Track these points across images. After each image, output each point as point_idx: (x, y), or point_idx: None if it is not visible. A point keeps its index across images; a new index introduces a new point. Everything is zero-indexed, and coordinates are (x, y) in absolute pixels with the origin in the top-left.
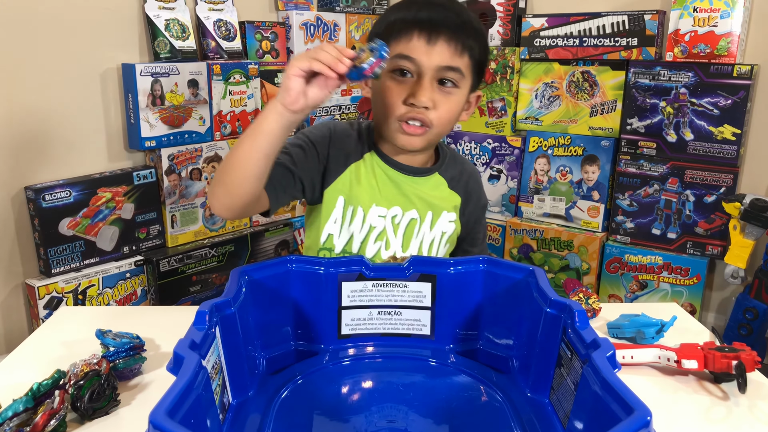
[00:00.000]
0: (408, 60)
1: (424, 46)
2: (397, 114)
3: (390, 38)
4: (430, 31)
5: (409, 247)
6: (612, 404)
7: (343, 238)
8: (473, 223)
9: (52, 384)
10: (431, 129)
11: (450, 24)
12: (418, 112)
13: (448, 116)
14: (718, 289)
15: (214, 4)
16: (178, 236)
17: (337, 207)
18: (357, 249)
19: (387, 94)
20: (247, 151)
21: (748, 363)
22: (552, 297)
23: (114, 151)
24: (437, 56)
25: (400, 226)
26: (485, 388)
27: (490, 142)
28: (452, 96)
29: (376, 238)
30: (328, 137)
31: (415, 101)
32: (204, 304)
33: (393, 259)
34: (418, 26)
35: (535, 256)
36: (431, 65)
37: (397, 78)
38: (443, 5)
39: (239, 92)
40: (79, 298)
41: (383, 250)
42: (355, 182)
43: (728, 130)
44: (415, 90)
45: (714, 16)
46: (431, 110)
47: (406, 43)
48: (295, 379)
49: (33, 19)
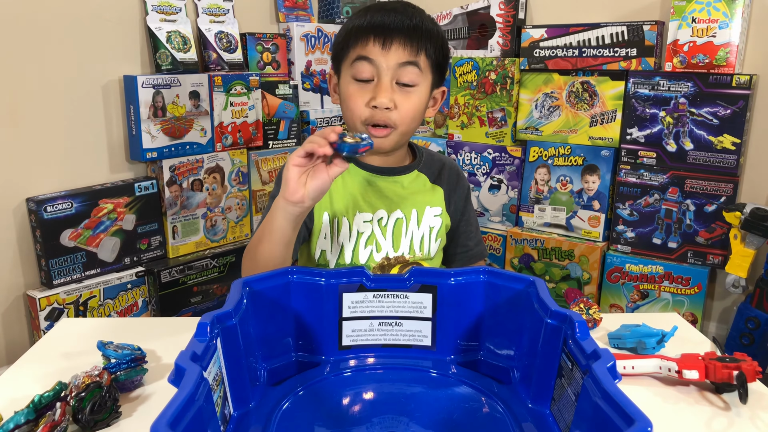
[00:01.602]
0: (366, 60)
1: (380, 48)
2: (362, 118)
3: (348, 46)
4: (384, 35)
5: (399, 247)
6: (613, 415)
7: (335, 252)
8: (462, 210)
9: (53, 396)
10: (396, 129)
11: (403, 27)
12: (381, 114)
13: (411, 114)
14: (719, 298)
15: (215, 16)
16: (179, 247)
17: (324, 223)
18: (350, 258)
19: (350, 99)
20: (266, 249)
21: (749, 373)
22: (552, 308)
23: (115, 162)
24: (393, 56)
25: (387, 227)
26: (486, 399)
27: (491, 152)
28: (412, 94)
29: (366, 242)
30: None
31: (376, 103)
32: (205, 315)
33: (386, 260)
34: (373, 31)
35: (536, 265)
36: (389, 65)
37: (359, 84)
38: (395, 10)
39: (240, 103)
40: (80, 310)
41: (375, 253)
42: (336, 195)
43: (728, 140)
44: (375, 92)
45: (712, 26)
46: (393, 111)
47: (362, 47)
48: (296, 390)
49: (35, 31)
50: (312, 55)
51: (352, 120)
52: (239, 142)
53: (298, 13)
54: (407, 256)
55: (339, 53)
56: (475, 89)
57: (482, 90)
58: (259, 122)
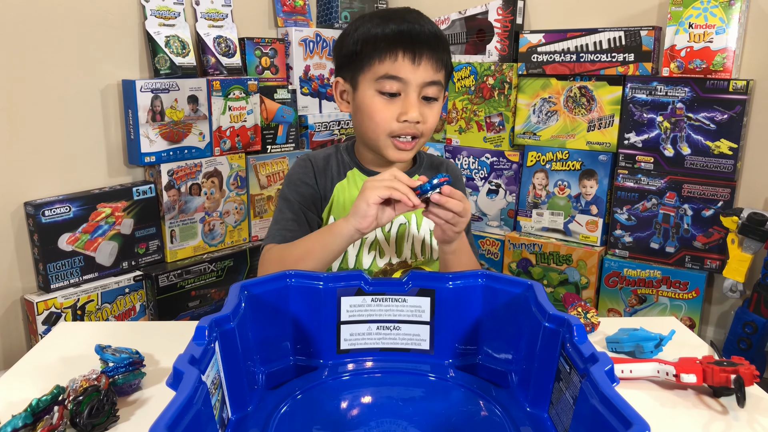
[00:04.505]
0: (396, 80)
1: (410, 65)
2: (389, 131)
3: (371, 57)
4: (414, 49)
5: (402, 252)
6: (610, 419)
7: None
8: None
9: (51, 400)
10: (419, 140)
11: (429, 41)
12: (411, 127)
13: (433, 126)
14: (717, 302)
15: (214, 21)
16: (177, 251)
17: None
18: (353, 263)
19: (377, 113)
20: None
21: (747, 377)
22: (550, 311)
23: (114, 166)
24: (422, 74)
25: (391, 233)
26: (484, 402)
27: (489, 157)
28: (435, 107)
29: (370, 248)
30: (312, 170)
31: (408, 117)
32: (203, 319)
33: (389, 266)
34: (402, 45)
35: (534, 270)
36: (417, 82)
37: (385, 97)
38: (417, 20)
39: (239, 108)
40: (78, 314)
41: (378, 258)
42: (342, 201)
43: (725, 145)
44: (405, 108)
45: (709, 32)
46: (421, 123)
47: (391, 63)
48: (294, 394)
49: (34, 36)
50: (310, 60)
51: (376, 133)
52: (237, 146)
53: (297, 18)
54: (409, 261)
55: (355, 62)
56: (473, 94)
57: (480, 95)
58: (257, 126)
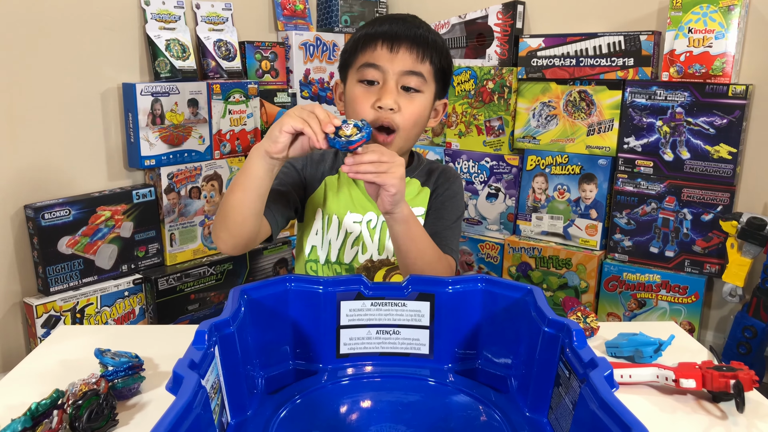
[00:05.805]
0: (373, 67)
1: (387, 54)
2: (367, 119)
3: (357, 52)
4: (392, 41)
5: (384, 249)
6: (610, 424)
7: (324, 248)
8: (438, 205)
9: (50, 403)
10: (398, 132)
11: (410, 35)
12: (386, 115)
13: (413, 119)
14: (716, 307)
15: (214, 25)
16: (177, 254)
17: (317, 219)
18: (336, 256)
19: (356, 101)
20: (240, 196)
21: (746, 382)
22: (550, 316)
23: (114, 169)
24: (399, 62)
25: (375, 230)
26: (484, 407)
27: (488, 161)
28: (416, 100)
29: (353, 243)
30: (305, 159)
31: (382, 104)
32: (203, 323)
33: (370, 262)
34: (381, 37)
35: (533, 274)
36: (394, 70)
37: (364, 86)
38: (404, 20)
39: (239, 111)
40: (77, 317)
41: (360, 254)
42: (330, 194)
43: (724, 149)
44: (381, 94)
45: (708, 37)
46: (397, 113)
47: (371, 53)
48: (293, 398)
49: (34, 39)
50: (310, 64)
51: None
52: (237, 149)
53: (297, 22)
54: (392, 258)
55: (346, 60)
56: (473, 98)
57: (480, 99)
58: (257, 130)
